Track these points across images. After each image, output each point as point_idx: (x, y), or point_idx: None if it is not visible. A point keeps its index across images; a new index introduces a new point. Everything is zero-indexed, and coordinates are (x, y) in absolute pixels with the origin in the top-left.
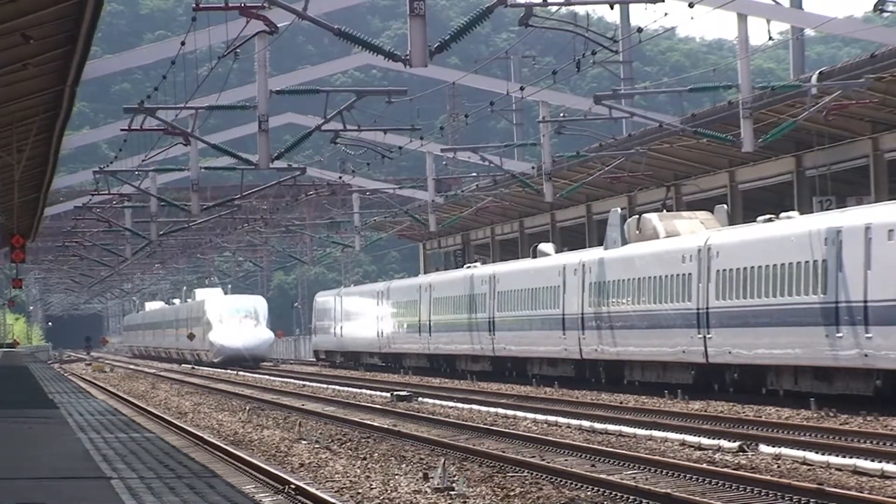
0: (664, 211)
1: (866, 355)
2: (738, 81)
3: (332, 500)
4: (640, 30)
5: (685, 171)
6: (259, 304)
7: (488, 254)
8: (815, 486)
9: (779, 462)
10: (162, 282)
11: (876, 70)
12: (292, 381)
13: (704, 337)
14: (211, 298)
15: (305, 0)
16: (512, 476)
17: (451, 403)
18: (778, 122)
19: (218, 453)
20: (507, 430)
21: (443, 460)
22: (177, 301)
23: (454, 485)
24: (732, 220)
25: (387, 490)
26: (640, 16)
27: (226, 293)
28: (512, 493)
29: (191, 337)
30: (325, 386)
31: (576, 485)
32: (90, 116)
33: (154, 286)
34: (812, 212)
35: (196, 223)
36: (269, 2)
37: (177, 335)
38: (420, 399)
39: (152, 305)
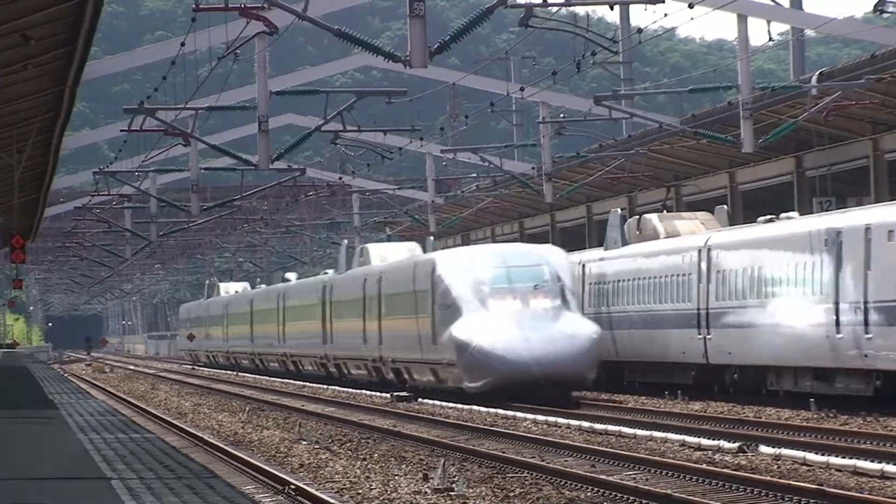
0: (664, 211)
1: (866, 355)
2: (738, 82)
3: (332, 501)
4: (639, 30)
5: (685, 172)
6: (558, 262)
7: None
8: (815, 486)
9: (779, 462)
10: (162, 282)
11: (876, 71)
12: (292, 381)
13: (704, 337)
14: (448, 255)
15: (305, 1)
16: (512, 477)
17: (450, 404)
18: (778, 122)
19: (218, 454)
20: (507, 431)
21: (443, 461)
22: (291, 277)
23: (454, 485)
24: (733, 221)
25: (387, 490)
26: (640, 16)
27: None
28: (512, 494)
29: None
30: (324, 386)
31: (576, 485)
32: (90, 117)
33: (154, 286)
34: (812, 212)
35: (196, 224)
36: (269, 2)
37: (330, 334)
38: (420, 399)
39: (232, 287)
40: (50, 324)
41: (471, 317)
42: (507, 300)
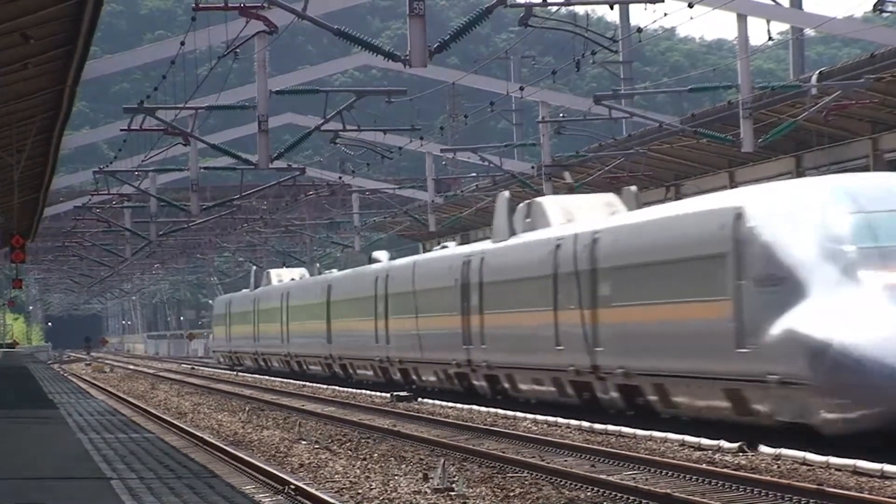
0: None
1: None
2: (737, 81)
3: (332, 501)
4: (639, 30)
5: (685, 171)
6: None
7: None
8: (815, 486)
9: (779, 462)
10: (161, 282)
11: (876, 70)
12: (292, 381)
13: None
14: (766, 196)
15: (305, 0)
16: (512, 476)
17: (450, 404)
18: (778, 122)
19: (218, 454)
20: (506, 431)
21: (443, 461)
22: (381, 256)
23: (454, 485)
24: None
25: (386, 490)
26: (640, 16)
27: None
28: (512, 494)
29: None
30: (324, 386)
31: (576, 485)
32: (90, 116)
33: (153, 286)
34: None
35: (196, 223)
36: (269, 2)
37: (478, 331)
38: (420, 399)
39: (286, 274)
40: (50, 323)
41: (826, 299)
42: (891, 271)
